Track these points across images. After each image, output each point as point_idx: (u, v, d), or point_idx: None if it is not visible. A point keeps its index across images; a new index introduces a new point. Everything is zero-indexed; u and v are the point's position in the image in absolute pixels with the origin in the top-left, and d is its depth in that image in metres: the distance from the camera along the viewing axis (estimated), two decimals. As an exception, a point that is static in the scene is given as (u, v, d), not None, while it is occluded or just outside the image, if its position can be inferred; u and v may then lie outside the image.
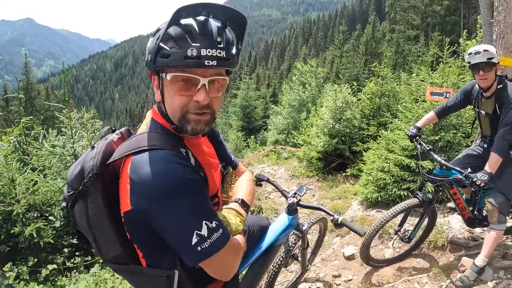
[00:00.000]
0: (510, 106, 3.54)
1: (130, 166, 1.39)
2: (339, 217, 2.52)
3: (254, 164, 14.30)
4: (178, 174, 1.35)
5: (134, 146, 1.44)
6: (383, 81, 10.78)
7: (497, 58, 3.64)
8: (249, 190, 2.01)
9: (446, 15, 61.57)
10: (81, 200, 1.50)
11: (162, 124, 1.56)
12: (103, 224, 1.50)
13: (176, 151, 1.46)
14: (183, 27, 1.38)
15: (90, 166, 1.47)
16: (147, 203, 1.33)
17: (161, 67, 1.43)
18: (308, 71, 26.97)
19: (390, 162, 6.62)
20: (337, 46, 61.32)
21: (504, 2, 5.33)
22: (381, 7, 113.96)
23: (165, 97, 1.49)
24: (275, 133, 22.54)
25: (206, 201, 1.45)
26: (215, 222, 1.41)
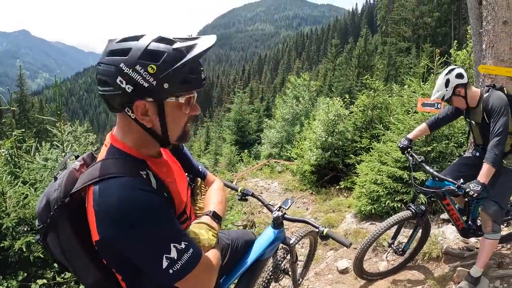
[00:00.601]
0: (498, 115, 3.54)
1: (92, 197, 1.39)
2: (324, 229, 2.52)
3: (247, 178, 14.25)
4: (139, 201, 1.34)
5: (93, 176, 1.42)
6: (375, 94, 10.81)
7: (447, 91, 3.81)
8: (220, 200, 2.00)
9: (437, 27, 62.34)
10: (51, 232, 1.50)
11: (121, 149, 1.53)
12: (77, 253, 1.50)
13: (136, 175, 1.44)
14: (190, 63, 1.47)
15: (54, 198, 1.48)
16: (112, 232, 1.33)
17: (178, 93, 1.47)
18: (301, 84, 27.04)
19: (383, 174, 6.60)
20: (330, 59, 61.75)
21: (492, 12, 5.38)
22: (373, 20, 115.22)
23: (168, 121, 1.49)
24: (269, 146, 22.51)
25: (172, 222, 1.44)
26: (184, 243, 1.40)
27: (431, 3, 64.10)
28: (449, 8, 62.17)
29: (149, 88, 1.37)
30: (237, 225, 7.58)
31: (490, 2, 5.49)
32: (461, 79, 3.78)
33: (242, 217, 8.16)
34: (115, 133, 1.56)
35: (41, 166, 5.52)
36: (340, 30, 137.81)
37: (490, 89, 3.81)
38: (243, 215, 8.36)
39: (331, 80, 50.50)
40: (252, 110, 33.13)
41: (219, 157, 23.93)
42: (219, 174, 16.43)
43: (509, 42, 5.31)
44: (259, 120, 33.23)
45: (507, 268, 4.12)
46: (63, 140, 5.53)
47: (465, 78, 3.80)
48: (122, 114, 1.48)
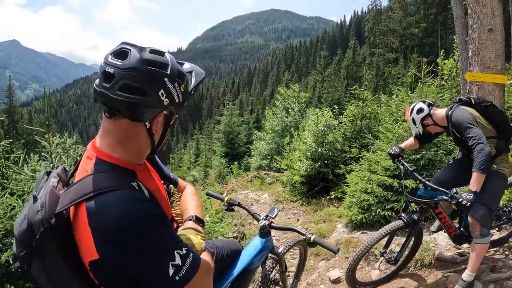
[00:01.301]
0: (467, 130, 3.62)
1: (87, 214, 1.30)
2: (312, 236, 2.50)
3: (238, 190, 14.20)
4: (140, 213, 1.31)
5: (84, 192, 1.33)
6: (363, 104, 10.87)
7: (418, 127, 4.06)
8: (197, 204, 2.04)
9: (424, 37, 63.25)
10: (37, 258, 1.37)
11: (109, 161, 1.45)
12: (66, 277, 1.40)
13: (129, 186, 1.40)
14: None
15: (38, 220, 1.33)
16: (115, 248, 1.27)
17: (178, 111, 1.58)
18: (291, 96, 27.16)
19: (373, 183, 6.60)
20: (319, 71, 62.27)
21: (478, 20, 5.45)
22: (361, 32, 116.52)
23: (158, 133, 1.56)
24: (259, 158, 22.50)
25: (171, 230, 1.43)
26: (184, 248, 1.39)
27: (418, 14, 65.07)
28: (436, 19, 63.09)
29: (178, 103, 1.50)
30: (227, 237, 7.50)
31: (475, 10, 5.56)
32: (422, 113, 3.99)
33: (232, 229, 8.08)
34: (100, 144, 1.48)
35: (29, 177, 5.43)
36: (328, 42, 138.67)
37: (453, 107, 3.93)
38: (233, 227, 8.28)
39: (320, 91, 50.88)
40: (242, 122, 33.25)
41: (209, 169, 23.86)
42: (209, 187, 16.36)
43: (495, 49, 5.38)
44: (249, 132, 33.26)
45: (500, 272, 4.10)
46: (51, 151, 5.45)
47: (425, 109, 3.97)
48: (127, 122, 1.42)
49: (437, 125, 4.00)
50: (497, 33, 5.46)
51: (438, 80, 11.06)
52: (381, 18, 73.29)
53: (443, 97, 8.09)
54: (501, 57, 5.49)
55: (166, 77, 1.41)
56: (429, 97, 7.15)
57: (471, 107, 3.85)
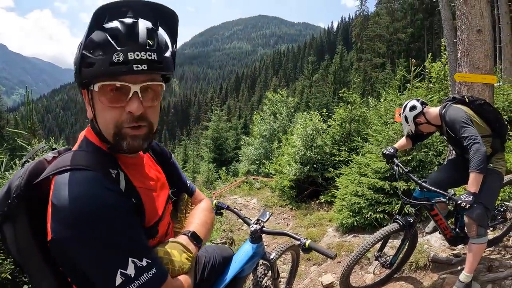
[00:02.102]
0: (461, 128, 3.54)
1: (53, 187, 1.20)
2: (307, 241, 2.32)
3: (226, 196, 14.11)
4: (102, 200, 1.15)
5: (59, 165, 1.24)
6: (352, 107, 10.85)
7: (413, 113, 3.92)
8: (204, 221, 1.77)
9: (410, 42, 63.81)
10: (8, 224, 1.31)
11: (93, 142, 1.36)
12: (32, 253, 1.30)
13: (104, 171, 1.26)
14: (108, 31, 1.21)
15: (15, 186, 1.30)
16: (65, 231, 1.13)
17: (88, 79, 1.23)
18: (279, 100, 27.19)
19: (363, 185, 6.54)
20: (307, 76, 62.48)
21: (466, 21, 5.45)
22: (348, 38, 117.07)
23: (96, 112, 1.30)
24: (247, 163, 22.44)
25: (135, 233, 1.23)
26: (146, 260, 1.19)
27: (405, 20, 65.68)
28: (422, 24, 63.74)
29: (74, 72, 1.30)
30: (216, 242, 7.39)
31: (464, 12, 5.56)
32: (415, 110, 3.91)
33: (221, 235, 7.97)
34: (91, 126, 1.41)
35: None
36: (316, 48, 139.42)
37: (446, 105, 3.85)
38: (222, 233, 8.17)
39: (308, 96, 51.07)
40: (230, 128, 33.20)
41: (197, 175, 23.69)
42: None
43: (484, 50, 5.39)
44: (237, 138, 33.25)
45: (497, 271, 4.04)
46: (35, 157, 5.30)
47: (418, 107, 3.90)
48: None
49: (430, 123, 3.92)
50: (486, 34, 5.46)
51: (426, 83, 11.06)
52: (368, 23, 73.76)
53: (431, 99, 8.09)
54: (490, 58, 5.50)
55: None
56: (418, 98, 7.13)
57: (465, 105, 3.77)
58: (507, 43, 17.38)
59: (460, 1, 5.63)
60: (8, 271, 4.50)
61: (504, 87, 8.82)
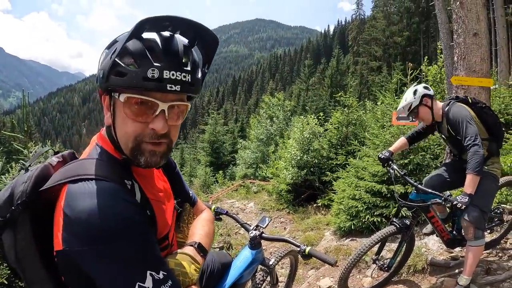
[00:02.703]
0: (464, 127, 3.53)
1: (65, 197, 1.15)
2: (307, 248, 2.30)
3: (223, 199, 14.08)
4: (120, 212, 1.12)
5: (71, 173, 1.20)
6: (349, 110, 10.86)
7: (417, 98, 3.82)
8: (207, 232, 1.78)
9: (406, 45, 64.02)
10: (9, 230, 1.24)
11: (107, 150, 1.33)
12: (33, 261, 1.25)
13: (120, 182, 1.23)
14: (145, 41, 1.18)
15: (20, 191, 1.23)
16: (80, 244, 1.08)
17: (115, 87, 1.20)
18: (275, 104, 27.21)
19: (361, 189, 6.53)
20: (303, 80, 62.65)
21: (463, 25, 5.47)
22: (344, 41, 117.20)
23: (116, 121, 1.26)
24: (244, 167, 22.41)
25: (152, 246, 1.21)
26: (163, 273, 1.17)
27: (401, 23, 65.93)
28: (418, 27, 64.01)
29: (99, 76, 1.24)
30: (213, 247, 7.36)
31: (460, 15, 5.58)
32: (428, 90, 3.86)
33: (218, 239, 7.93)
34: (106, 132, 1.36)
35: (6, 187, 5.24)
36: (312, 51, 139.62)
37: (450, 103, 3.84)
38: (219, 237, 8.13)
39: (304, 100, 51.10)
40: (227, 132, 33.20)
41: (194, 179, 23.63)
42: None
43: (480, 53, 5.40)
44: (234, 141, 33.19)
45: (495, 274, 4.05)
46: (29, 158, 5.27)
47: (431, 91, 3.88)
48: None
49: (431, 113, 3.86)
50: (482, 37, 5.48)
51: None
52: (365, 27, 74.06)
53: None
54: (487, 61, 5.52)
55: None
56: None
57: (468, 105, 3.78)
58: (502, 46, 17.47)
59: (457, 5, 5.65)
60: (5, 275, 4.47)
61: (500, 90, 8.85)
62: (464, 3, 5.54)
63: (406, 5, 65.68)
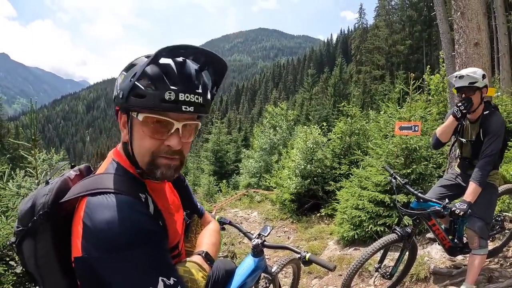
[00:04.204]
0: (495, 137, 3.55)
1: (84, 208, 1.25)
2: (307, 254, 2.41)
3: (227, 209, 14.07)
4: (136, 223, 1.23)
5: (90, 187, 1.30)
6: (352, 120, 10.89)
7: (482, 82, 3.63)
8: (214, 242, 1.90)
9: (409, 54, 64.13)
10: (29, 238, 1.36)
11: (123, 166, 1.44)
12: (52, 267, 1.35)
13: (135, 196, 1.34)
14: (161, 67, 1.30)
15: (41, 203, 1.35)
16: (98, 252, 1.18)
17: (135, 108, 1.31)
18: (279, 113, 27.23)
19: (364, 199, 6.55)
20: (306, 89, 62.59)
21: (464, 35, 5.51)
22: (347, 50, 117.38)
23: (133, 138, 1.37)
24: (247, 176, 22.38)
25: (164, 254, 1.31)
26: (173, 279, 1.26)
27: (403, 32, 66.07)
28: (421, 36, 64.14)
29: (118, 96, 1.35)
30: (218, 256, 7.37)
31: (461, 25, 5.62)
32: (486, 80, 3.69)
33: (222, 248, 7.95)
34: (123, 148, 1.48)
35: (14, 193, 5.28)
36: (316, 60, 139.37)
37: (493, 109, 3.76)
38: (223, 246, 8.15)
39: (307, 109, 51.16)
40: (230, 141, 33.13)
41: (197, 188, 23.61)
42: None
43: (481, 63, 5.44)
44: (237, 150, 33.13)
45: (497, 282, 4.08)
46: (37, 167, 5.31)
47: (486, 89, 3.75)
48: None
49: (478, 105, 3.69)
50: (483, 46, 5.52)
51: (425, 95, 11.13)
52: (367, 36, 74.26)
53: (431, 111, 8.12)
54: (488, 70, 5.55)
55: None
56: (417, 112, 7.17)
57: None
58: (504, 54, 17.49)
59: (458, 15, 5.70)
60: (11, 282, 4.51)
61: (502, 98, 8.87)
62: (465, 14, 5.59)
63: (408, 14, 65.94)
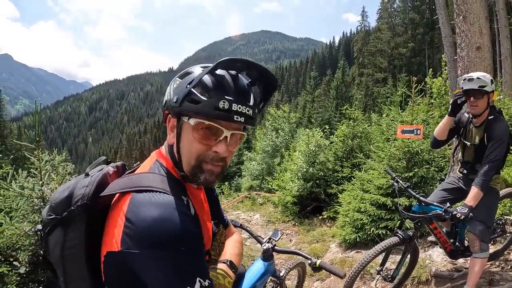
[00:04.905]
0: (499, 143, 3.58)
1: (128, 204, 1.27)
2: (317, 260, 2.45)
3: (229, 211, 14.08)
4: (180, 223, 1.24)
5: (135, 184, 1.33)
6: (354, 123, 10.91)
7: (491, 87, 3.64)
8: (237, 253, 1.95)
9: (411, 57, 64.19)
10: (60, 228, 1.37)
11: (167, 167, 1.48)
12: (79, 259, 1.37)
13: (179, 198, 1.36)
14: (217, 77, 1.36)
15: (80, 194, 1.36)
16: (141, 248, 1.20)
17: (188, 112, 1.35)
18: (281, 116, 27.24)
19: (366, 202, 6.56)
20: (309, 92, 62.63)
21: (466, 39, 5.53)
22: (349, 53, 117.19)
23: (181, 141, 1.41)
24: (250, 179, 22.40)
25: (202, 256, 1.35)
26: (208, 281, 1.29)
27: (406, 35, 66.16)
28: (423, 38, 64.18)
29: (171, 100, 1.39)
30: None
31: (463, 29, 5.64)
32: (494, 85, 3.71)
33: (224, 251, 7.97)
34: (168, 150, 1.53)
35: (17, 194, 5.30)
36: (318, 63, 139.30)
37: (498, 115, 3.78)
38: (225, 249, 8.17)
39: (310, 111, 51.12)
40: (233, 143, 33.08)
41: (220, 201, 23.61)
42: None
43: (483, 67, 5.46)
44: (240, 153, 33.06)
45: (498, 285, 4.10)
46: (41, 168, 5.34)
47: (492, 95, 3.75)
48: None
49: (484, 109, 3.71)
50: (485, 50, 5.54)
51: (427, 99, 11.13)
52: (370, 38, 74.36)
53: (433, 115, 8.14)
54: (490, 74, 5.55)
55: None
56: (419, 115, 7.18)
57: None
58: (507, 57, 17.48)
59: (460, 19, 5.72)
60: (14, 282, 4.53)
61: (504, 101, 8.86)
62: (467, 18, 5.61)
63: (411, 16, 66.07)
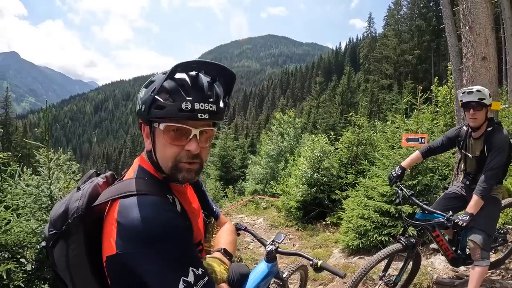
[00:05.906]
0: (499, 151, 3.65)
1: (117, 209, 1.39)
2: (319, 261, 2.52)
3: (232, 214, 14.10)
4: (166, 220, 1.37)
5: (121, 190, 1.46)
6: (359, 130, 10.95)
7: (489, 100, 3.74)
8: (231, 240, 2.08)
9: (417, 64, 64.05)
10: (62, 241, 1.49)
11: (149, 171, 1.59)
12: (83, 267, 1.48)
13: (164, 197, 1.49)
14: (177, 81, 1.45)
15: (75, 207, 1.48)
16: (133, 247, 1.32)
17: (156, 118, 1.46)
18: (286, 121, 27.26)
19: (369, 208, 6.61)
20: (314, 97, 62.58)
21: (472, 49, 5.58)
22: (355, 59, 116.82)
23: (156, 146, 1.52)
24: (254, 183, 22.37)
25: (192, 247, 1.48)
26: (201, 269, 1.40)
27: (412, 41, 66.08)
28: (429, 46, 64.09)
29: (140, 109, 1.50)
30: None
31: (469, 39, 5.68)
32: (491, 99, 3.80)
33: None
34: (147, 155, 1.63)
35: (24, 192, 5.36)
36: (324, 68, 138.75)
37: (497, 126, 3.86)
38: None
39: (315, 117, 51.14)
40: (237, 146, 33.07)
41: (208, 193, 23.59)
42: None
43: (488, 77, 5.49)
44: (244, 156, 33.03)
45: (498, 293, 4.12)
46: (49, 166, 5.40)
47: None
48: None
49: (482, 122, 3.79)
50: (491, 61, 5.58)
51: (433, 107, 11.17)
52: (376, 45, 74.38)
53: (438, 124, 8.18)
54: (495, 84, 5.61)
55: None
56: (424, 124, 7.23)
57: None
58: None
59: (466, 29, 5.77)
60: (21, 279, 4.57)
61: (509, 110, 8.89)
62: (473, 28, 5.66)
63: (417, 23, 66.00)
